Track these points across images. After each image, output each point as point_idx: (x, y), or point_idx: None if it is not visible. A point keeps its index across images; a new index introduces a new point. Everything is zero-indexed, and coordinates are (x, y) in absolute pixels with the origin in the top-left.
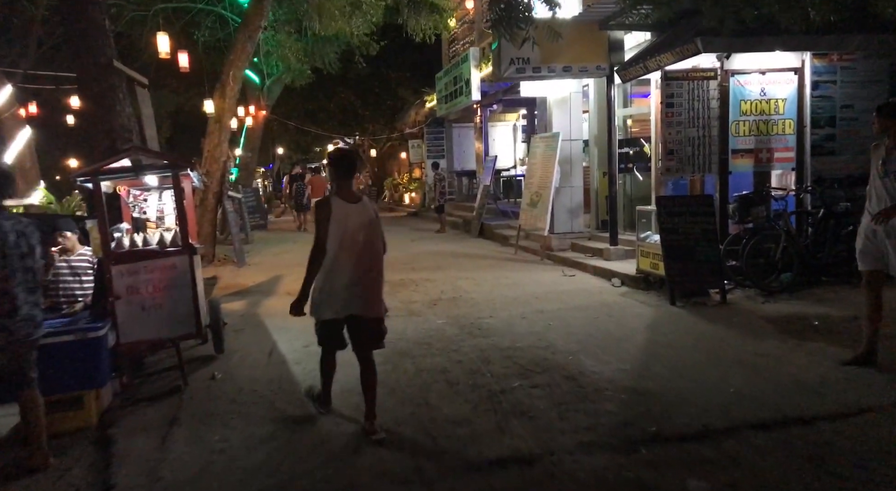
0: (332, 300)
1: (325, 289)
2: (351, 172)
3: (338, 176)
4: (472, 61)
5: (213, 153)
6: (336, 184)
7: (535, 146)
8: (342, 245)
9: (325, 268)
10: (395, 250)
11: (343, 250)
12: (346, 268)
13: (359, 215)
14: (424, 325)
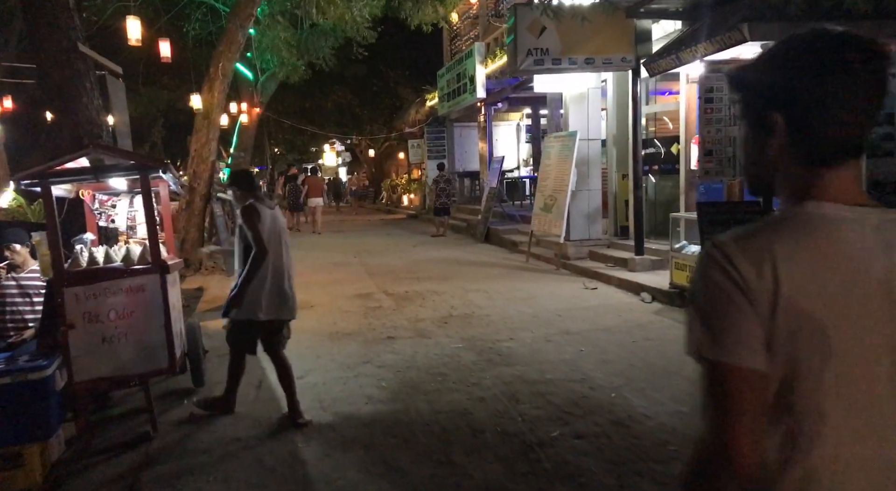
0: (277, 302)
1: (268, 290)
2: (253, 183)
3: (246, 188)
4: (477, 57)
5: (201, 152)
6: (251, 195)
7: (550, 146)
8: (273, 248)
9: (265, 270)
10: (396, 257)
11: (274, 253)
12: (282, 270)
13: (277, 220)
14: (436, 349)
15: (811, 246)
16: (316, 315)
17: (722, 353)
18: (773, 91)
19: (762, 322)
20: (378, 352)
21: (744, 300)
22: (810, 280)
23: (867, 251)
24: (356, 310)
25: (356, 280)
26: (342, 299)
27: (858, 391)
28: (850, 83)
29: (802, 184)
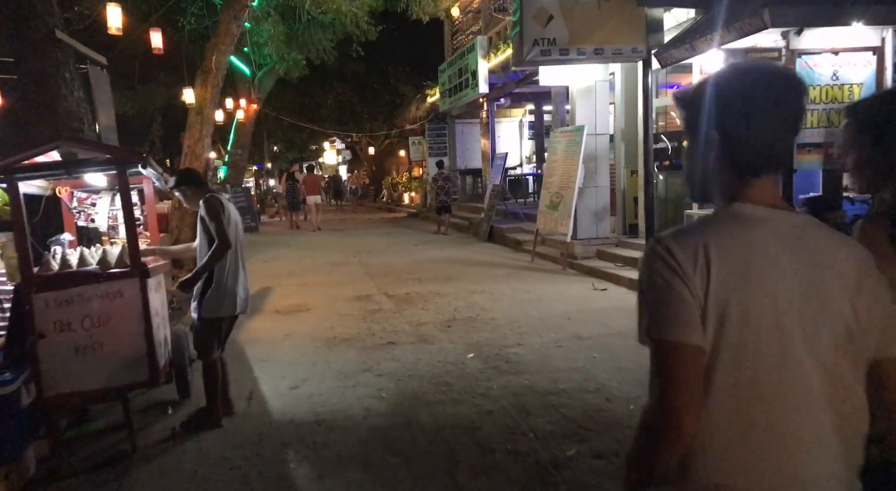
0: (244, 296)
1: (229, 285)
2: (202, 178)
3: (197, 184)
4: (480, 51)
5: (194, 149)
6: (206, 189)
7: (556, 142)
8: (236, 242)
9: (226, 263)
10: (397, 256)
11: (238, 245)
12: (240, 264)
13: (235, 213)
14: (440, 355)
15: (735, 238)
16: (313, 319)
17: (665, 332)
18: (713, 112)
19: (698, 304)
20: (378, 359)
21: (683, 286)
22: (734, 266)
23: (779, 243)
24: (355, 313)
25: (355, 281)
26: (340, 302)
27: (773, 362)
28: (773, 110)
29: (732, 189)
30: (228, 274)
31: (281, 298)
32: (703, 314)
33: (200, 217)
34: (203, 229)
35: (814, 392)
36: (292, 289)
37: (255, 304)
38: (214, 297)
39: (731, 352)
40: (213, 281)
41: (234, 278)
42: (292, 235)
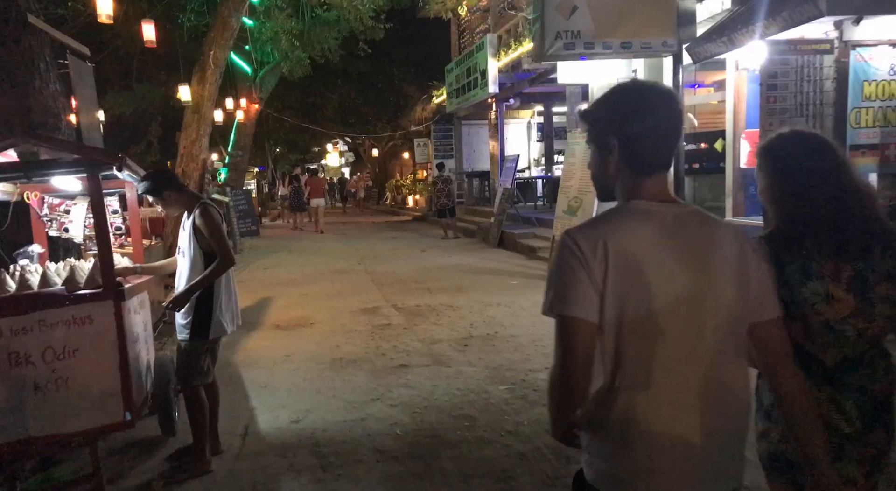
0: (233, 313)
1: (225, 301)
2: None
3: (178, 188)
4: (489, 49)
5: (191, 149)
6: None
7: (574, 143)
8: None
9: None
10: (404, 263)
11: None
12: (232, 276)
13: None
14: (458, 381)
15: (630, 230)
16: (316, 335)
17: (566, 308)
18: (611, 123)
19: (597, 287)
20: (389, 385)
21: (584, 272)
22: (629, 253)
23: (667, 231)
24: (362, 328)
25: (361, 291)
26: (346, 315)
27: (660, 332)
28: (657, 120)
29: (630, 188)
30: (224, 289)
31: (282, 311)
32: (603, 296)
33: (193, 227)
34: (196, 243)
35: (700, 353)
36: (294, 300)
37: (254, 317)
38: (214, 315)
39: (630, 323)
40: (212, 298)
41: (228, 294)
42: (294, 240)
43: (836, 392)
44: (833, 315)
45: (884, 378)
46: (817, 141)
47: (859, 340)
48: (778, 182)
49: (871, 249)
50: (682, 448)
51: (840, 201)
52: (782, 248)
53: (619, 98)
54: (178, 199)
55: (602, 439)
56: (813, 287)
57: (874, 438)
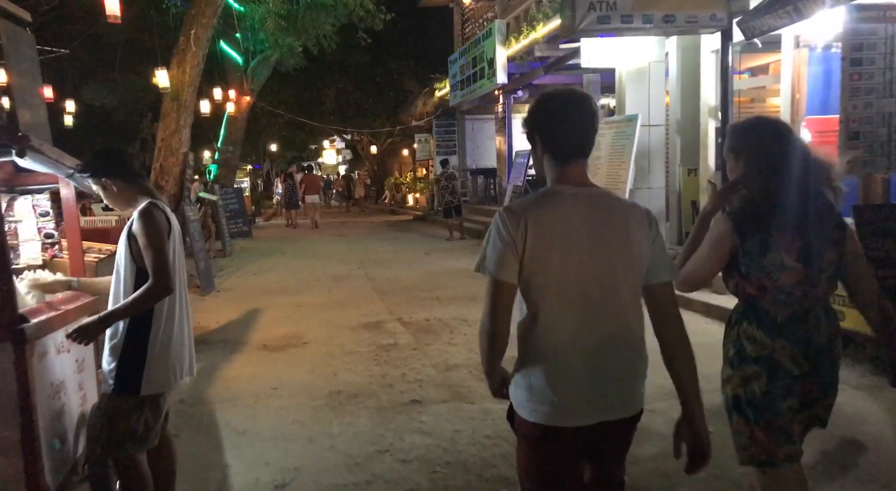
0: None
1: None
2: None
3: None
4: (498, 36)
5: (170, 142)
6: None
7: (599, 134)
8: (178, 277)
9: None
10: (407, 268)
11: (180, 283)
12: (185, 310)
13: (179, 231)
14: (486, 424)
15: (549, 208)
16: (310, 359)
17: (494, 271)
18: (534, 123)
19: (518, 256)
20: (400, 430)
21: (509, 244)
22: (544, 227)
23: (578, 209)
24: (364, 350)
25: (361, 301)
26: (345, 332)
27: (569, 289)
28: (573, 117)
29: (554, 174)
30: (168, 326)
31: (271, 326)
32: (522, 262)
33: (129, 233)
34: (130, 253)
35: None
36: (285, 312)
37: (238, 334)
38: (150, 363)
39: (544, 284)
40: (146, 338)
41: (181, 332)
42: (289, 241)
43: (787, 342)
44: (786, 281)
45: (826, 330)
46: (782, 126)
47: (805, 299)
48: (751, 164)
49: (824, 223)
50: (581, 374)
51: (803, 183)
52: (748, 222)
53: (539, 102)
54: (122, 190)
55: (522, 372)
56: (771, 258)
57: (818, 381)
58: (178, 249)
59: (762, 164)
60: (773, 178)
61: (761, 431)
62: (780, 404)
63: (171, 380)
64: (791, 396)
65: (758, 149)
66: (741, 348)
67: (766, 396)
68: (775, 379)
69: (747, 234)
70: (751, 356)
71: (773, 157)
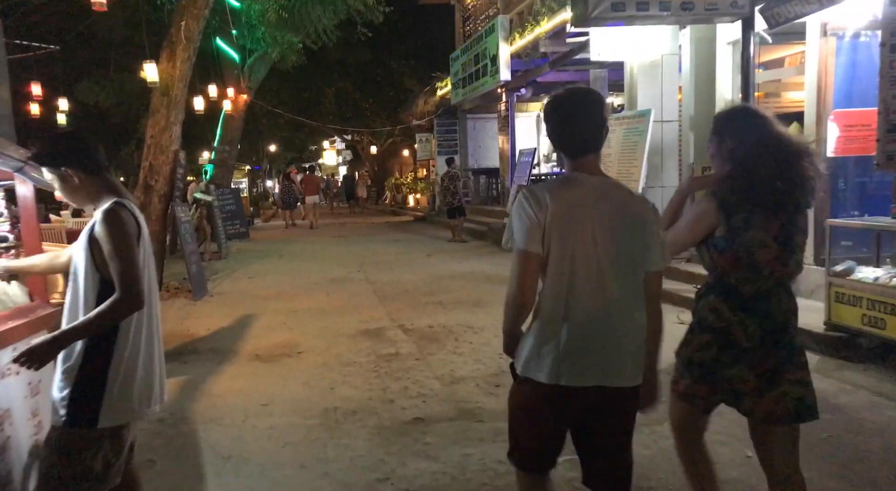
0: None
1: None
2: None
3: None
4: (501, 32)
5: (159, 140)
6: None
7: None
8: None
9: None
10: (409, 270)
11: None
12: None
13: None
14: (498, 447)
15: (566, 190)
16: (305, 370)
17: (521, 243)
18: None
19: (542, 230)
20: (402, 454)
21: (534, 219)
22: (561, 207)
23: (590, 194)
24: (363, 360)
25: (361, 306)
26: (343, 340)
27: (581, 263)
28: (584, 115)
29: (569, 165)
30: (134, 347)
31: (264, 334)
32: (544, 235)
33: (90, 237)
34: (92, 260)
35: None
36: (280, 318)
37: (228, 343)
38: (110, 390)
39: (559, 256)
40: (108, 361)
41: (150, 353)
42: (287, 242)
43: (746, 316)
44: (761, 258)
45: (786, 308)
46: (760, 114)
47: (771, 277)
48: (737, 148)
49: (799, 207)
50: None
51: (781, 168)
52: (733, 202)
53: (547, 106)
54: (84, 183)
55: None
56: (752, 234)
57: (774, 355)
58: (148, 257)
59: (741, 149)
60: (758, 162)
61: (703, 388)
62: (726, 372)
63: (136, 408)
64: (739, 365)
65: (738, 135)
66: (703, 318)
67: (715, 364)
68: (725, 349)
69: (732, 212)
70: (710, 326)
71: (757, 142)
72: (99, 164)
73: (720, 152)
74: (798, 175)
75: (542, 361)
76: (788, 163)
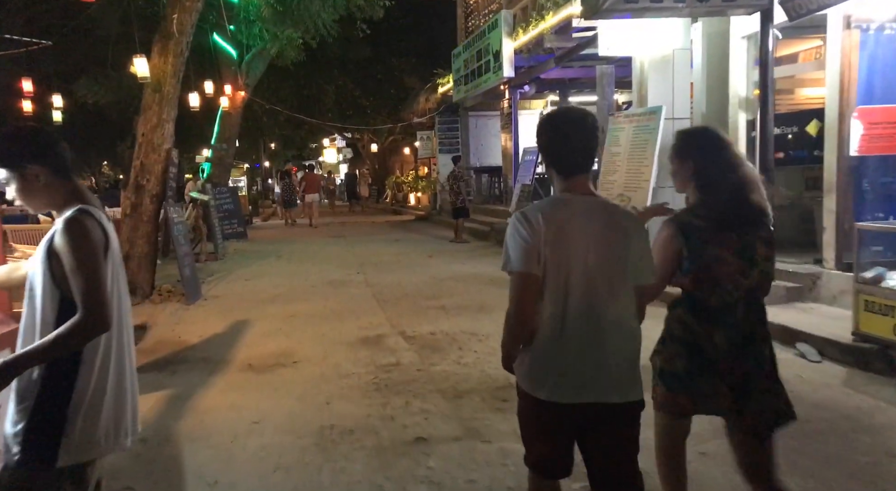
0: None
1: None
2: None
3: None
4: (504, 27)
5: (151, 138)
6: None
7: (618, 128)
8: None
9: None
10: (410, 272)
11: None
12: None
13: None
14: (507, 472)
15: (557, 211)
16: (300, 383)
17: (519, 266)
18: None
19: (539, 251)
20: (402, 478)
21: (530, 241)
22: (555, 228)
23: (581, 214)
24: (362, 371)
25: (360, 311)
26: (341, 349)
27: (575, 281)
28: (574, 138)
29: (559, 185)
30: (102, 373)
31: (258, 341)
32: (539, 256)
33: (48, 250)
34: (50, 275)
35: (601, 296)
36: (277, 324)
37: (220, 351)
38: (72, 424)
39: (554, 276)
40: (70, 389)
41: (119, 380)
42: (286, 242)
43: (713, 327)
44: (720, 272)
45: (753, 319)
46: (722, 136)
47: (735, 290)
48: (700, 170)
49: (758, 222)
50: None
51: (741, 188)
52: (691, 224)
53: (542, 124)
54: (48, 187)
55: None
56: (711, 251)
57: (742, 365)
58: (117, 272)
59: (707, 169)
60: (716, 182)
61: (684, 398)
62: (696, 380)
63: (102, 444)
64: (708, 374)
65: (704, 156)
66: (671, 330)
67: (685, 373)
68: (693, 359)
69: (691, 233)
70: (678, 337)
71: (715, 164)
72: (67, 166)
73: (682, 171)
74: (757, 195)
75: (539, 379)
76: (748, 186)
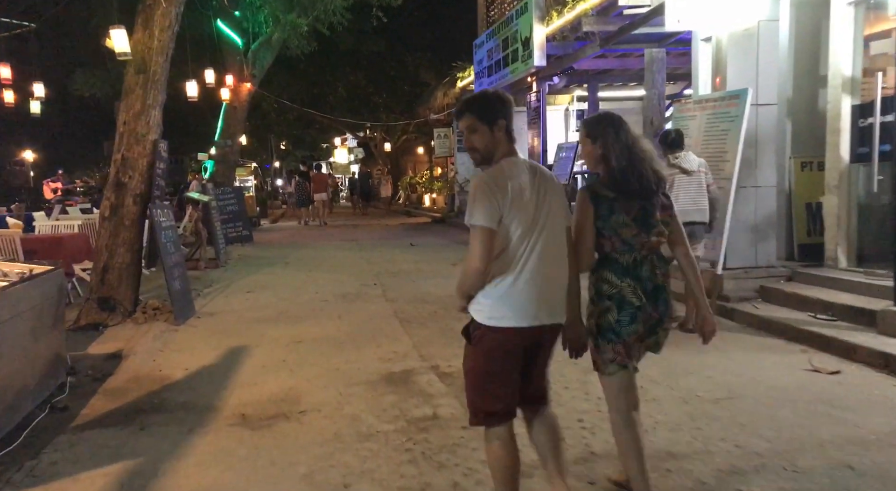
0: None
1: None
2: None
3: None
4: (535, 12)
5: (134, 127)
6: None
7: (687, 117)
8: None
9: None
10: (433, 284)
11: None
12: None
13: None
14: None
15: (515, 171)
16: (307, 448)
17: (482, 221)
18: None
19: (500, 208)
20: None
21: (494, 199)
22: (515, 184)
23: (524, 173)
24: (389, 428)
25: (380, 334)
26: (360, 391)
27: (525, 231)
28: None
29: (507, 150)
30: None
31: (256, 378)
32: (501, 213)
33: None
34: None
35: (549, 242)
36: (279, 353)
37: (208, 392)
38: None
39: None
40: None
41: None
42: (295, 247)
43: (631, 280)
44: (626, 235)
45: (659, 271)
46: (619, 119)
47: (642, 249)
48: (606, 149)
49: (655, 191)
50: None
51: (641, 162)
52: (599, 193)
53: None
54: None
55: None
56: (616, 218)
57: (656, 309)
58: None
59: (612, 147)
60: (618, 158)
61: (620, 347)
62: (627, 328)
63: None
64: (635, 323)
65: (610, 137)
66: (599, 289)
67: (617, 324)
68: (622, 309)
69: (601, 202)
70: (605, 294)
71: (617, 142)
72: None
73: (594, 152)
74: (654, 170)
75: (508, 311)
76: (645, 160)
